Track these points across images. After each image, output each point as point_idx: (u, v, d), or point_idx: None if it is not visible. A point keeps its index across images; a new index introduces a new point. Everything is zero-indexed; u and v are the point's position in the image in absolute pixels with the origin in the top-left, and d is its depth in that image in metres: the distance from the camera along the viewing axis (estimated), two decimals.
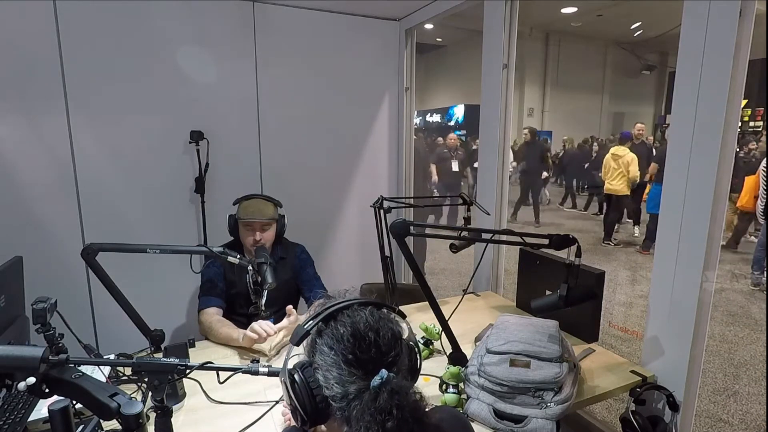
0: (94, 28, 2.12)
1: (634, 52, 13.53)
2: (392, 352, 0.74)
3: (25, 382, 0.79)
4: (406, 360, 0.77)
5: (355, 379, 0.71)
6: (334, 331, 0.74)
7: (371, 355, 0.72)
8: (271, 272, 1.64)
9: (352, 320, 0.74)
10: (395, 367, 0.73)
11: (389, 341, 0.74)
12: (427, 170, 6.57)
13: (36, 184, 2.11)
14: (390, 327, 0.76)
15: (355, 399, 0.70)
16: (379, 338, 0.73)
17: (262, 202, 1.94)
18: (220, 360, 1.58)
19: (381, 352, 0.72)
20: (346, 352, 0.72)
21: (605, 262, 5.63)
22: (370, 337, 0.72)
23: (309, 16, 2.61)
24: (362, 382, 0.70)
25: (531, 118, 13.08)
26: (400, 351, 0.75)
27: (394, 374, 0.71)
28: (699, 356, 1.44)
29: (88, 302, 2.28)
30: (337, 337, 0.73)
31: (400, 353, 0.75)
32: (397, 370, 0.73)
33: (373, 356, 0.72)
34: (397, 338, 0.76)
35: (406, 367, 0.77)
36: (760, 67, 4.76)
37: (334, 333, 0.74)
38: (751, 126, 10.48)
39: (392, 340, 0.74)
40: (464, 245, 1.84)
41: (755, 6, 1.23)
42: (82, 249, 1.49)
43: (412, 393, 0.70)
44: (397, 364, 0.74)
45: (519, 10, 2.10)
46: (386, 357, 0.73)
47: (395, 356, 0.74)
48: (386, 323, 0.76)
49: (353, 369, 0.71)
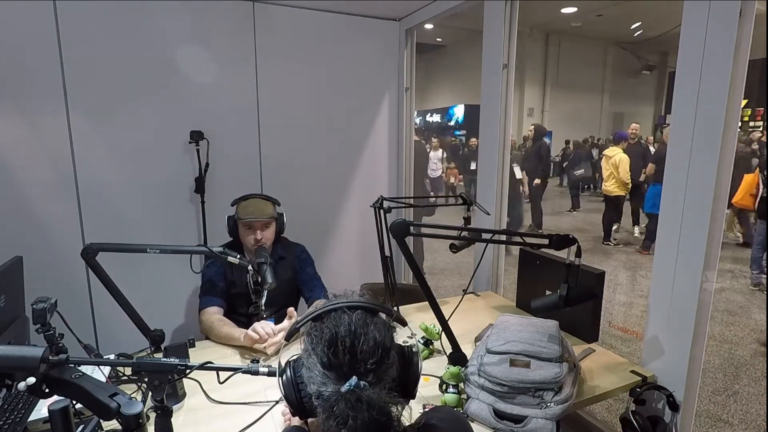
0: (94, 28, 2.12)
1: (634, 52, 13.53)
2: (370, 360, 0.72)
3: (25, 382, 0.79)
4: (393, 370, 0.75)
5: (328, 382, 0.71)
6: (317, 333, 0.75)
7: (345, 360, 0.71)
8: (271, 272, 1.64)
9: (335, 324, 0.74)
10: (373, 376, 0.72)
11: (370, 348, 0.72)
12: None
13: (36, 184, 2.11)
14: (374, 335, 0.74)
15: (326, 401, 0.71)
16: (357, 345, 0.72)
17: (260, 201, 1.94)
18: (220, 360, 1.58)
19: (356, 359, 0.71)
20: (323, 355, 0.72)
21: (605, 262, 5.63)
22: (346, 342, 0.72)
23: (309, 16, 2.61)
24: (334, 386, 0.71)
25: (531, 118, 13.08)
26: (382, 360, 0.73)
27: (370, 383, 0.70)
28: (699, 356, 1.44)
29: (88, 302, 2.28)
30: (318, 339, 0.74)
31: (381, 362, 0.73)
32: (376, 379, 0.72)
33: (347, 362, 0.71)
34: (380, 346, 0.73)
35: (392, 377, 0.75)
36: (760, 67, 4.77)
37: (316, 334, 0.75)
38: (751, 126, 10.47)
39: (373, 348, 0.72)
40: (464, 245, 1.84)
41: (755, 6, 1.22)
42: (82, 249, 1.49)
43: (386, 405, 0.69)
44: (377, 373, 0.72)
45: (519, 10, 2.10)
46: (361, 364, 0.71)
47: (374, 364, 0.72)
48: (371, 330, 0.74)
49: (327, 372, 0.72)
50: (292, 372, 0.77)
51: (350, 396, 0.67)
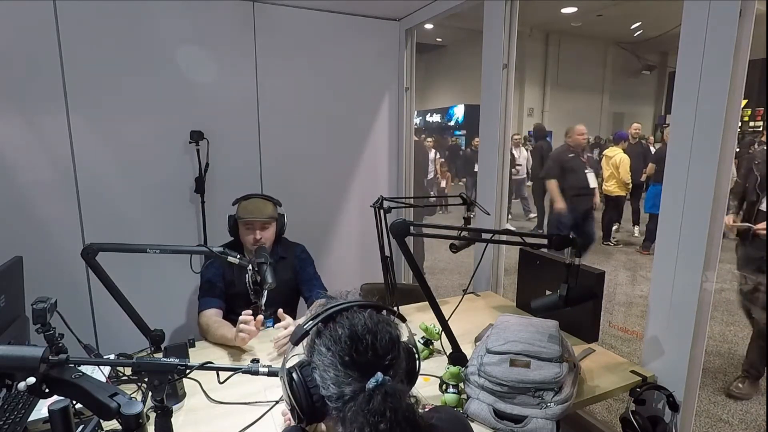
0: (94, 28, 2.12)
1: (634, 52, 13.52)
2: (389, 355, 0.74)
3: (25, 382, 0.79)
4: (404, 363, 0.78)
5: (350, 381, 0.71)
6: (333, 333, 0.74)
7: (368, 357, 0.72)
8: (271, 272, 1.64)
9: (351, 322, 0.75)
10: (392, 370, 0.74)
11: (387, 344, 0.74)
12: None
13: (36, 184, 2.11)
14: (388, 330, 0.76)
15: (350, 400, 0.70)
16: (377, 341, 0.73)
17: (261, 201, 1.94)
18: (220, 360, 1.58)
19: (378, 355, 0.73)
20: (343, 354, 0.72)
21: (605, 262, 5.63)
22: (368, 339, 0.73)
23: (309, 16, 2.61)
24: (358, 384, 0.71)
25: (531, 118, 13.07)
26: (398, 354, 0.76)
27: (390, 377, 0.71)
28: (699, 356, 1.44)
29: (88, 302, 2.28)
30: (335, 339, 0.74)
31: (397, 356, 0.75)
32: (393, 374, 0.74)
33: (370, 359, 0.72)
34: (395, 341, 0.76)
35: (403, 370, 0.77)
36: (760, 67, 4.75)
37: (333, 334, 0.74)
38: (751, 126, 10.46)
39: (390, 344, 0.75)
40: (464, 245, 1.84)
41: (755, 6, 1.22)
42: (82, 249, 1.49)
43: (408, 396, 0.71)
44: (394, 368, 0.74)
45: (519, 10, 2.10)
46: (383, 360, 0.73)
47: (392, 359, 0.74)
48: (385, 326, 0.76)
49: (349, 371, 0.72)
50: (300, 376, 0.75)
51: (378, 391, 0.68)
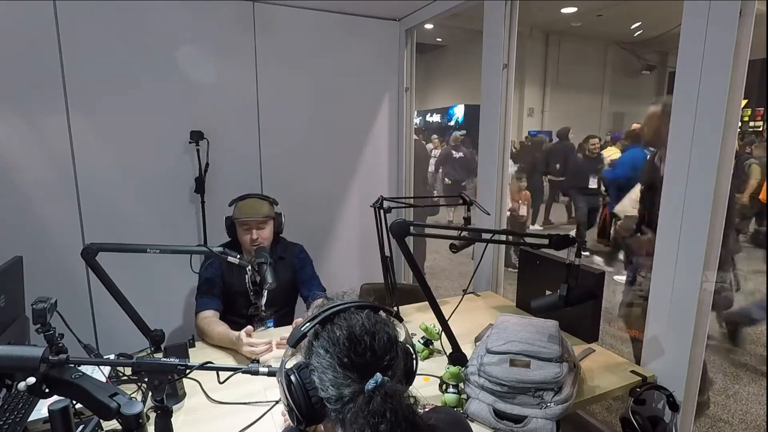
0: (94, 28, 2.13)
1: (634, 52, 13.51)
2: (387, 356, 0.74)
3: (25, 382, 0.79)
4: (402, 364, 0.77)
5: (350, 382, 0.71)
6: (330, 334, 0.74)
7: (366, 358, 0.72)
8: (272, 272, 1.64)
9: (349, 323, 0.74)
10: (390, 371, 0.73)
11: (385, 345, 0.74)
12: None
13: (36, 184, 2.11)
14: (386, 331, 0.76)
15: (349, 402, 0.70)
16: (375, 342, 0.73)
17: (257, 200, 1.94)
18: (219, 360, 1.58)
19: (376, 356, 0.73)
20: (342, 356, 0.72)
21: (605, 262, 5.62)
22: (366, 340, 0.72)
23: (309, 16, 2.61)
24: (357, 385, 0.71)
25: (531, 118, 13.07)
26: (396, 355, 0.75)
27: (389, 378, 0.71)
28: (699, 356, 1.43)
29: (88, 302, 2.29)
30: (333, 340, 0.73)
31: (395, 357, 0.75)
32: (392, 374, 0.73)
33: (369, 360, 0.72)
34: (393, 342, 0.76)
35: (401, 370, 0.77)
36: (760, 67, 4.75)
37: (330, 336, 0.74)
38: (751, 126, 10.46)
39: (388, 344, 0.75)
40: (464, 245, 1.84)
41: (755, 6, 1.22)
42: (82, 249, 1.49)
43: (406, 396, 0.71)
44: (393, 368, 0.74)
45: (519, 10, 2.10)
46: (381, 361, 0.73)
47: (390, 360, 0.74)
48: (383, 327, 0.76)
49: (348, 372, 0.72)
50: (299, 378, 0.75)
51: (378, 392, 0.68)
